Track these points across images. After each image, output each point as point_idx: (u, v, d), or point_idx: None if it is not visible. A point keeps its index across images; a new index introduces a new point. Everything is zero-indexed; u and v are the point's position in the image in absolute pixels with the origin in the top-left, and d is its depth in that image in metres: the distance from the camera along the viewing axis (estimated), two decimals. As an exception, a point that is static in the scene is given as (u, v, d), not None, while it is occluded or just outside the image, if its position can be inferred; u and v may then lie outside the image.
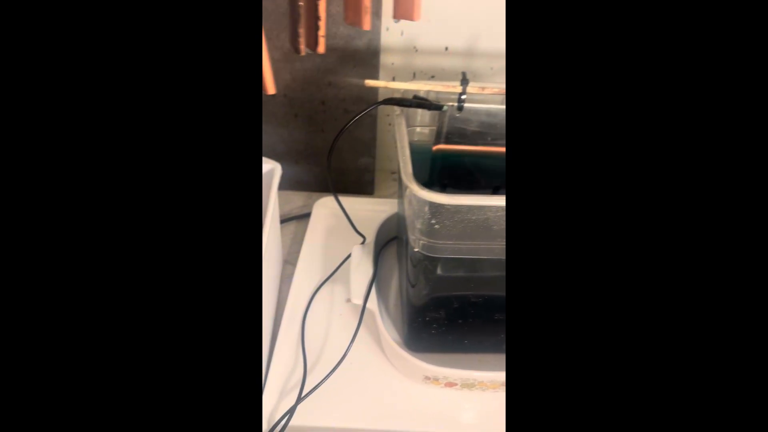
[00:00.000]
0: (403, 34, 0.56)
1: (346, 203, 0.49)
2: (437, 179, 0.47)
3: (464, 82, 0.41)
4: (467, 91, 0.41)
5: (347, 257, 0.53)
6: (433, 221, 0.31)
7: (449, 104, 0.42)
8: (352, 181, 0.63)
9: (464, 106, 0.42)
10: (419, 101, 0.40)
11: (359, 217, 0.52)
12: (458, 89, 0.41)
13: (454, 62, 0.57)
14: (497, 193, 0.46)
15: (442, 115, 0.44)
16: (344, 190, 0.64)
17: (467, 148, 0.45)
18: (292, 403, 0.39)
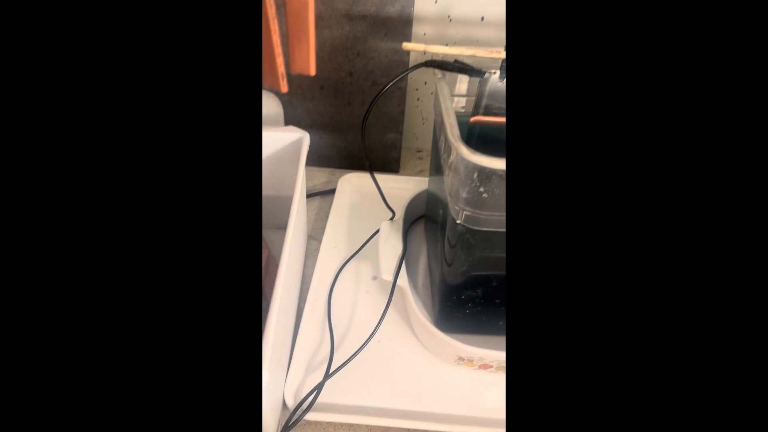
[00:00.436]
0: (437, 1, 0.53)
1: (371, 180, 0.47)
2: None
3: (509, 47, 0.38)
4: (512, 57, 0.38)
5: (374, 234, 0.51)
6: (481, 189, 0.29)
7: (491, 71, 0.40)
8: (377, 157, 0.61)
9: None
10: (460, 65, 0.38)
11: (385, 194, 0.50)
12: (502, 55, 0.39)
13: (490, 33, 0.55)
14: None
15: (482, 83, 0.41)
16: (369, 166, 0.62)
17: (507, 120, 0.43)
18: (318, 379, 0.38)
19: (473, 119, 0.43)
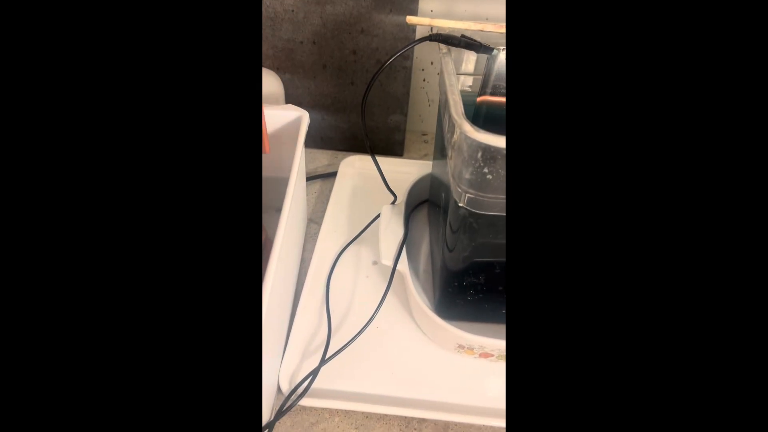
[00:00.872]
0: (445, -24, 0.51)
1: (373, 163, 0.45)
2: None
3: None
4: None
5: (375, 218, 0.50)
6: (485, 170, 0.28)
7: (500, 48, 0.38)
8: (380, 140, 0.60)
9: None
10: (467, 41, 0.36)
11: (388, 178, 0.48)
12: (512, 30, 0.36)
13: (500, 10, 0.52)
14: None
15: (489, 61, 0.39)
16: (369, 147, 0.60)
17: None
18: (315, 365, 0.37)
19: (480, 99, 0.41)
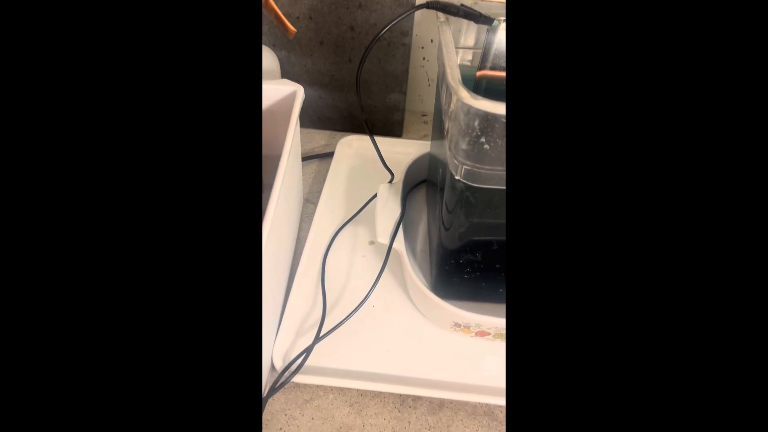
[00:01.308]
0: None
1: (371, 143, 0.44)
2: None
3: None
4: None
5: (372, 198, 0.49)
6: (482, 140, 0.27)
7: (500, 19, 0.36)
8: (379, 119, 0.58)
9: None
10: (467, 10, 0.35)
11: (386, 158, 0.47)
12: None
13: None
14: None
15: (490, 33, 0.38)
16: (366, 122, 0.60)
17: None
18: (309, 342, 0.37)
19: (479, 73, 0.40)
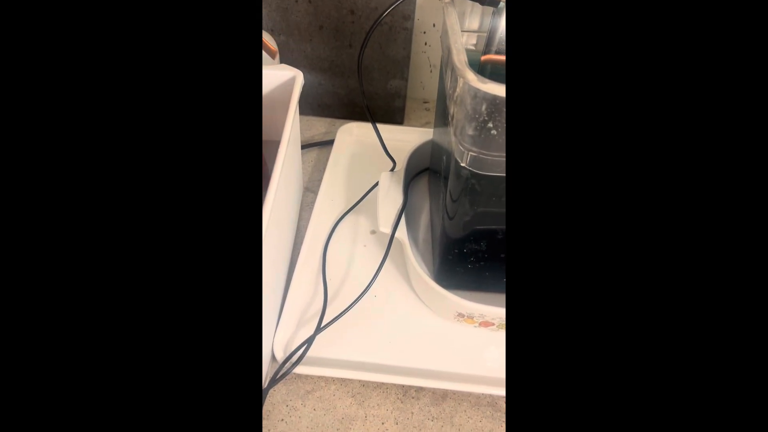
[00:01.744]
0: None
1: (372, 130, 0.43)
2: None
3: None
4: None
5: (373, 186, 0.48)
6: (490, 125, 0.26)
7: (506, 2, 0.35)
8: (380, 106, 0.57)
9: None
10: (473, -9, 0.33)
11: (387, 145, 0.46)
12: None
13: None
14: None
15: (495, 15, 0.37)
16: (366, 108, 0.58)
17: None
18: (310, 333, 0.36)
19: (484, 58, 0.39)
